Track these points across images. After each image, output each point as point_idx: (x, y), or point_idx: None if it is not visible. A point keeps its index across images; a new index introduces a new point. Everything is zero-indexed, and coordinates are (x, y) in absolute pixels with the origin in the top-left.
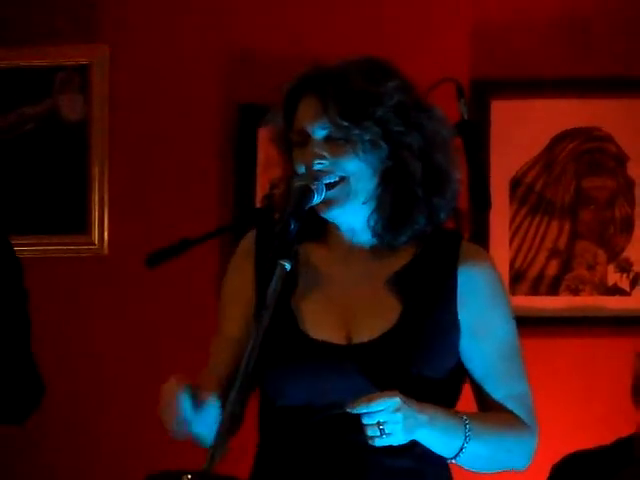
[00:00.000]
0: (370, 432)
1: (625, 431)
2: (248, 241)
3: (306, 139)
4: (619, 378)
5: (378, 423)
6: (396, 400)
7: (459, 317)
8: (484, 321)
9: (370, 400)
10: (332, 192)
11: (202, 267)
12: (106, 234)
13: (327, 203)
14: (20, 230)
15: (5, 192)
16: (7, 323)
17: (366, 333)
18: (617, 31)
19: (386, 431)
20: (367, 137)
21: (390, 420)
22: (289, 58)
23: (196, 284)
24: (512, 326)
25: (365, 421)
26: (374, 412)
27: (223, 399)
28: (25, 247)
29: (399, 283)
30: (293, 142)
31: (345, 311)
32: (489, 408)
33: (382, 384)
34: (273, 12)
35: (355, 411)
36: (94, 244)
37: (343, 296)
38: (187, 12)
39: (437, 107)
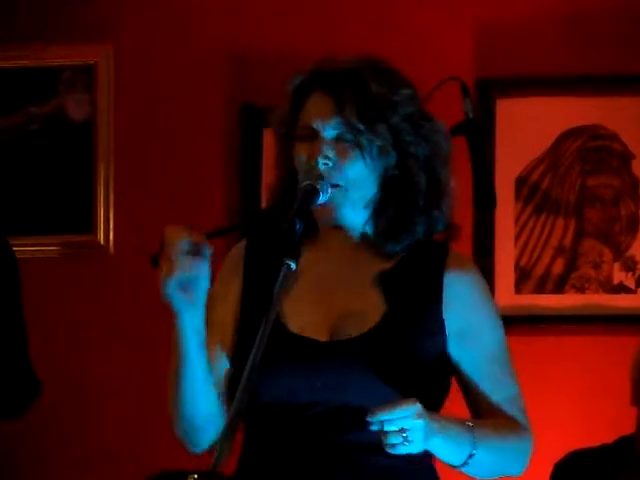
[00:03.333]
0: (392, 439)
1: (630, 429)
2: (237, 251)
3: (313, 135)
4: (625, 376)
5: (401, 430)
6: (417, 406)
7: (445, 321)
8: (471, 326)
9: (393, 406)
10: (332, 196)
11: None
12: (112, 234)
13: (326, 209)
14: (26, 230)
15: (11, 192)
16: (1, 321)
17: (349, 330)
18: (622, 28)
19: (409, 438)
20: (378, 143)
21: (413, 427)
22: (293, 58)
23: None
24: (499, 330)
25: (387, 428)
26: (397, 419)
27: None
28: (31, 247)
29: (385, 283)
30: (296, 136)
31: (329, 309)
32: (482, 412)
33: (361, 381)
34: (277, 12)
35: (377, 418)
36: (100, 244)
37: (328, 294)
38: (191, 12)
39: (438, 119)
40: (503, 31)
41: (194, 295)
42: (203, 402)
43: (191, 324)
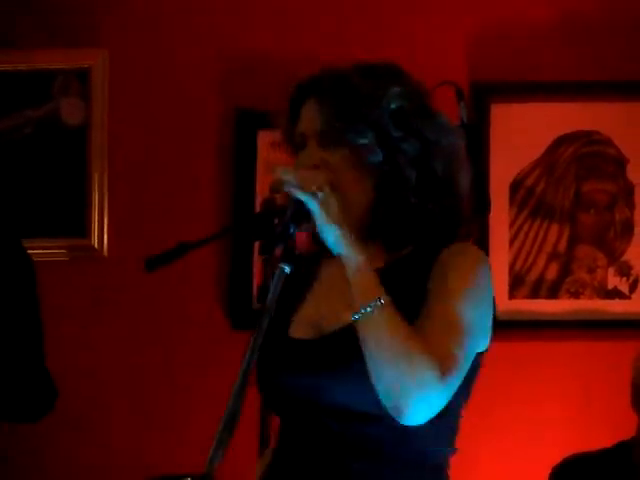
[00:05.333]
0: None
1: (625, 435)
2: None
3: (305, 142)
4: (619, 381)
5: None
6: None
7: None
8: (435, 288)
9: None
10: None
11: (201, 270)
12: (105, 237)
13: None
14: (20, 233)
15: (5, 195)
16: (21, 327)
17: (334, 326)
18: (617, 34)
19: (299, 194)
20: (361, 141)
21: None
22: (287, 62)
23: (195, 287)
24: (466, 304)
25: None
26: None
27: None
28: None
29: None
30: (296, 145)
31: (324, 310)
32: None
33: (344, 377)
34: (271, 16)
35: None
36: (94, 247)
37: (326, 296)
38: (186, 16)
39: (443, 114)
40: (498, 36)
41: None
42: None
43: None
